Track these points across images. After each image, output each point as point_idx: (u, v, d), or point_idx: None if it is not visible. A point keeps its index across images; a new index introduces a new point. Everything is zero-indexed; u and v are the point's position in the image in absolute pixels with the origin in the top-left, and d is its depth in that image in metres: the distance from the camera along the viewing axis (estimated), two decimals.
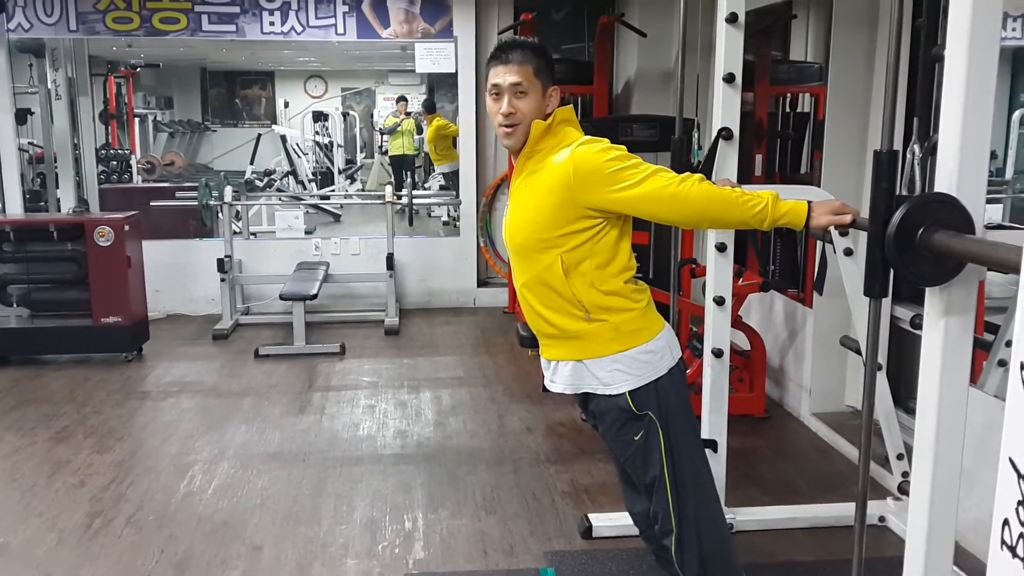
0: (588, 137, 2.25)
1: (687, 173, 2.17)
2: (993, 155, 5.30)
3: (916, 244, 1.64)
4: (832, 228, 2.17)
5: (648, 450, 2.30)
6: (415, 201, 7.83)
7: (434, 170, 11.78)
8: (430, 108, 11.45)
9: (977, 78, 1.60)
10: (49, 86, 7.72)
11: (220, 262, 6.57)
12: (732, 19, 3.00)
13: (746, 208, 2.09)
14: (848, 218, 2.08)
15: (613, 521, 3.31)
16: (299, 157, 13.24)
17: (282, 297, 6.12)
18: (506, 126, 2.23)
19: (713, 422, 3.27)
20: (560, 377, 2.35)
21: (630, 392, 2.26)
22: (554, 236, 2.20)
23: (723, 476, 3.32)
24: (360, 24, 6.93)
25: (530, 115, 2.21)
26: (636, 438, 2.29)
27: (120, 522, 3.50)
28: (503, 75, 2.21)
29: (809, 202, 2.11)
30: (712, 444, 3.27)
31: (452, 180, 10.59)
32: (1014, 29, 4.74)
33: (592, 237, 2.20)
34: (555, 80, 2.29)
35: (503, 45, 2.27)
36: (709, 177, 3.09)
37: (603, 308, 2.23)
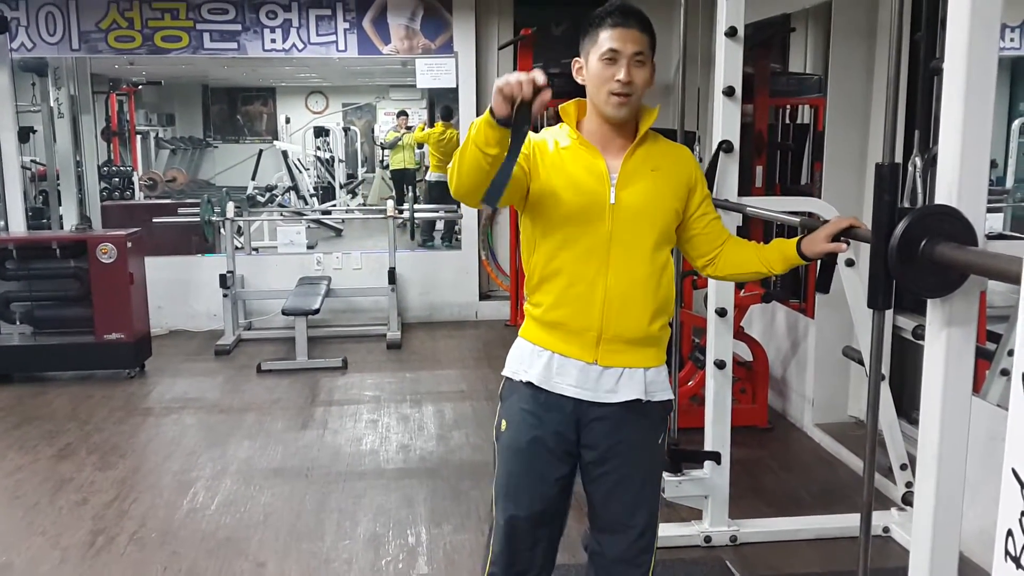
0: None
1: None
2: (993, 164, 5.31)
3: (919, 256, 1.64)
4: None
5: (661, 453, 2.25)
6: (416, 215, 7.85)
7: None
8: (447, 115, 11.27)
9: (976, 90, 1.61)
10: (52, 104, 7.75)
11: (222, 278, 6.57)
12: (731, 33, 3.02)
13: (760, 267, 2.20)
14: (843, 246, 2.10)
15: None
16: (300, 172, 13.28)
17: (284, 312, 6.13)
18: (623, 94, 2.00)
19: (716, 433, 3.27)
20: (629, 385, 2.09)
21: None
22: (672, 235, 2.14)
23: (726, 488, 3.32)
24: (361, 41, 6.97)
25: (643, 89, 2.03)
26: (660, 441, 2.21)
27: (123, 539, 3.49)
28: (624, 40, 1.99)
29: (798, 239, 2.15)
30: (715, 456, 3.27)
31: (443, 191, 10.45)
32: (1012, 39, 4.77)
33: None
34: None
35: (620, 8, 2.03)
36: (711, 184, 3.11)
37: (669, 312, 2.19)
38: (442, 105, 12.01)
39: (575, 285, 2.04)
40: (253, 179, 12.94)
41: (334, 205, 13.33)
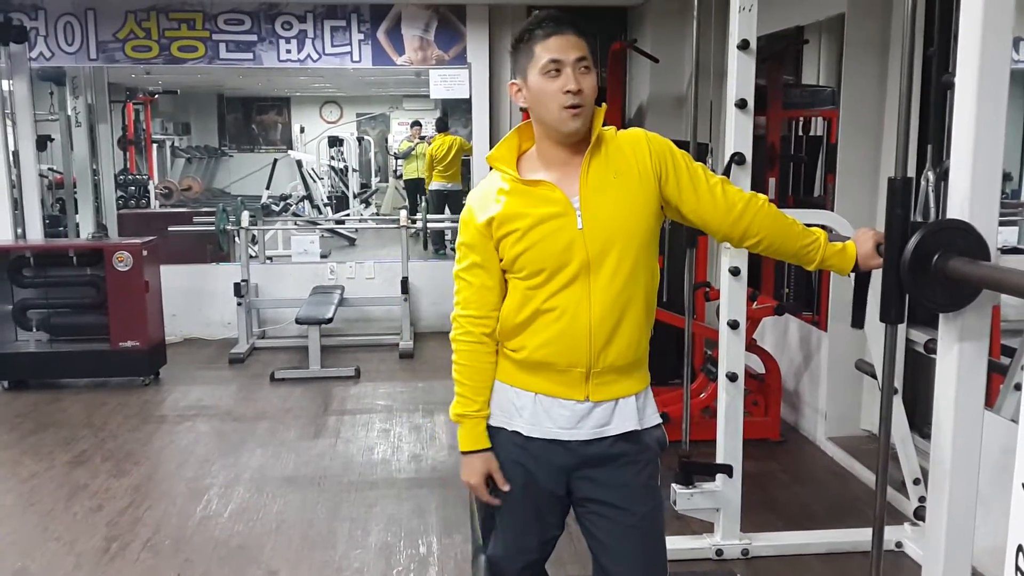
0: None
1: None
2: (1007, 177, 5.29)
3: (931, 270, 1.64)
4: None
5: (659, 490, 2.01)
6: (429, 225, 7.87)
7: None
8: (442, 127, 11.42)
9: (988, 104, 1.62)
10: (69, 113, 7.84)
11: (237, 286, 6.62)
12: (744, 46, 3.03)
13: (801, 241, 1.94)
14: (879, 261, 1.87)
15: None
16: (314, 182, 13.34)
17: (298, 321, 6.15)
18: (576, 105, 1.82)
19: (728, 446, 3.26)
20: (623, 415, 1.91)
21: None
22: (654, 237, 1.91)
23: (738, 501, 3.31)
24: (375, 51, 7.01)
25: (591, 98, 1.85)
26: (657, 481, 1.99)
27: (137, 546, 3.51)
28: (564, 48, 1.81)
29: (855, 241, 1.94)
30: (727, 469, 3.26)
31: (445, 201, 10.59)
32: None
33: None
34: None
35: (551, 16, 1.85)
36: None
37: (652, 322, 1.99)
38: (436, 119, 12.13)
39: (557, 322, 1.86)
40: (268, 188, 13.01)
41: (348, 214, 13.39)
